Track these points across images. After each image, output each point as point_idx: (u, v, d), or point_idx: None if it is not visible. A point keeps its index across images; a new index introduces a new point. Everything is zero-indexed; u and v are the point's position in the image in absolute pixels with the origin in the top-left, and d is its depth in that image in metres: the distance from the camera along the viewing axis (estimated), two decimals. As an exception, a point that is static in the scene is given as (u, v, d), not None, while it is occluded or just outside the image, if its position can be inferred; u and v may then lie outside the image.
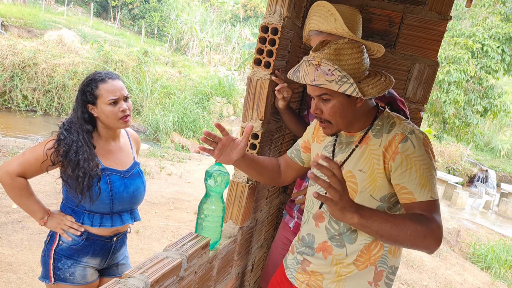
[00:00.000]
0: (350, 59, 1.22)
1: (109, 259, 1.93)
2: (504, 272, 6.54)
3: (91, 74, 1.83)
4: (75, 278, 1.82)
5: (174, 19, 20.83)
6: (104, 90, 1.76)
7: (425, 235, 1.13)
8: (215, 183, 1.49)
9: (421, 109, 2.14)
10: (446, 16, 2.05)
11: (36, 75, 11.95)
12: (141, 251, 4.18)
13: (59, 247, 1.80)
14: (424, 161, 1.22)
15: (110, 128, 1.83)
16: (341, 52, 1.22)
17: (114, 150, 1.88)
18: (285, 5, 1.72)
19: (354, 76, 1.22)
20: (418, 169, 1.21)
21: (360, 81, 1.24)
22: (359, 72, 1.24)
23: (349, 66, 1.22)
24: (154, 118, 12.35)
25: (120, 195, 1.82)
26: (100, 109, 1.77)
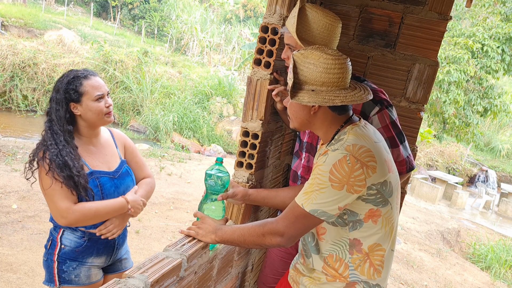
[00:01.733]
0: (307, 67, 1.28)
1: (114, 255, 1.94)
2: (504, 272, 6.54)
3: (68, 72, 1.78)
4: (81, 279, 1.81)
5: (174, 19, 20.82)
6: (89, 87, 1.74)
7: (263, 235, 1.30)
8: (215, 183, 1.49)
9: (421, 109, 2.14)
10: (446, 16, 2.05)
11: (36, 75, 11.94)
12: (141, 251, 4.18)
13: (62, 250, 1.79)
14: (322, 176, 1.24)
15: (94, 125, 1.80)
16: (304, 59, 1.29)
17: (98, 151, 1.85)
18: (285, 5, 1.72)
19: (308, 83, 1.28)
20: (313, 177, 1.27)
21: (314, 89, 1.28)
22: (314, 81, 1.28)
23: (305, 73, 1.29)
24: (154, 118, 12.34)
25: (111, 196, 1.81)
26: (85, 106, 1.74)
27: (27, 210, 4.45)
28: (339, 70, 1.27)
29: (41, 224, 4.24)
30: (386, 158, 1.31)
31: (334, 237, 1.35)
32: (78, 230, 1.79)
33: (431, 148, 15.85)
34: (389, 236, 1.35)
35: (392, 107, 1.67)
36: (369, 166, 1.23)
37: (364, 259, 1.34)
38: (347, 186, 1.22)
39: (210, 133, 12.86)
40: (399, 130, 1.67)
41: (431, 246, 6.93)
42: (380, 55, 2.18)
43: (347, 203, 1.25)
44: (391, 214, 1.34)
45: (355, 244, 1.33)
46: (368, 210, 1.29)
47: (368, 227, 1.31)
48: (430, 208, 10.13)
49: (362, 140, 1.27)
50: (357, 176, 1.22)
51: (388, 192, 1.30)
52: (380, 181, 1.26)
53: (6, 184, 4.90)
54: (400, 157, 1.65)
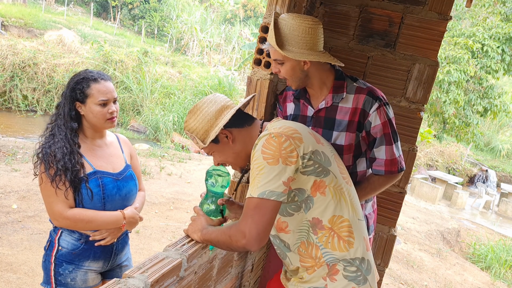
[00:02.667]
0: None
1: (112, 260, 1.91)
2: (504, 272, 6.54)
3: (82, 72, 1.80)
4: (76, 283, 1.80)
5: (174, 19, 20.83)
6: (95, 90, 1.75)
7: (230, 236, 1.30)
8: (215, 183, 1.49)
9: (421, 109, 2.14)
10: (446, 16, 2.05)
11: (36, 75, 11.94)
12: (141, 251, 4.18)
13: (59, 252, 1.78)
14: (257, 161, 1.28)
15: (95, 127, 1.82)
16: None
17: (103, 152, 1.86)
18: (285, 5, 1.72)
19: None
20: (251, 170, 1.30)
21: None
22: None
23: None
24: (154, 118, 12.35)
25: (113, 197, 1.81)
26: (88, 108, 1.76)
27: (27, 210, 4.45)
28: (215, 101, 1.44)
29: (41, 224, 4.24)
30: (310, 131, 1.39)
31: (296, 225, 1.37)
32: (75, 232, 1.79)
33: (431, 148, 15.86)
34: (345, 205, 1.36)
35: (389, 105, 1.68)
36: (294, 137, 1.29)
37: (331, 234, 1.34)
38: (281, 159, 1.25)
39: (210, 133, 12.85)
40: (394, 129, 1.68)
41: (431, 246, 6.93)
42: (380, 55, 2.18)
43: (289, 176, 1.27)
44: (338, 183, 1.36)
45: (316, 223, 1.35)
46: (312, 182, 1.31)
47: (319, 201, 1.33)
48: (430, 208, 10.14)
49: (281, 123, 1.36)
50: (287, 147, 1.27)
51: (325, 161, 1.34)
52: (311, 150, 1.31)
53: (6, 184, 4.90)
54: (392, 155, 1.66)
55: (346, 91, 1.66)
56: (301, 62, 1.59)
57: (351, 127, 1.66)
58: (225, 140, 1.43)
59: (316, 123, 1.71)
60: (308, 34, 1.55)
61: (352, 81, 1.69)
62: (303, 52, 1.55)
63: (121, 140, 2.03)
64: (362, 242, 1.39)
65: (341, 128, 1.67)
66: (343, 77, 1.69)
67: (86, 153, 1.79)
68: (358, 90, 1.65)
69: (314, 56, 1.56)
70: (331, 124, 1.69)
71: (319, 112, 1.71)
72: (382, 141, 1.65)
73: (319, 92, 1.69)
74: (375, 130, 1.65)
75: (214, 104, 1.43)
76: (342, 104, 1.66)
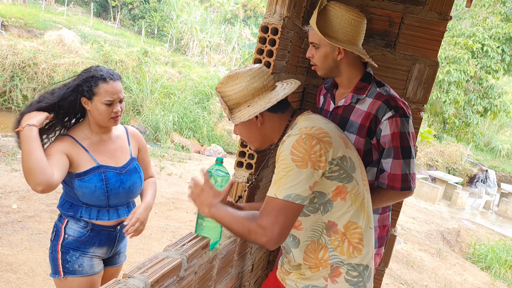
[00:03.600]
0: (232, 90, 1.38)
1: (115, 247, 1.98)
2: (504, 272, 6.54)
3: (92, 68, 1.82)
4: (84, 269, 1.86)
5: (174, 19, 20.83)
6: (103, 90, 1.77)
7: (249, 230, 1.28)
8: (215, 183, 1.49)
9: (421, 109, 2.14)
10: (446, 16, 2.05)
11: (36, 75, 11.94)
12: (141, 251, 4.18)
13: (66, 240, 1.84)
14: (285, 161, 1.26)
15: (99, 124, 1.85)
16: (224, 86, 1.39)
17: (107, 147, 1.89)
18: (285, 5, 1.72)
19: (241, 103, 1.37)
20: (278, 168, 1.28)
21: (249, 104, 1.37)
22: (245, 98, 1.36)
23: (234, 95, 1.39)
24: (154, 118, 12.35)
25: (116, 191, 1.85)
26: (94, 105, 1.79)
27: (27, 210, 4.45)
28: (259, 77, 1.36)
29: (41, 224, 4.24)
30: (340, 135, 1.35)
31: (310, 224, 1.37)
32: (81, 220, 1.84)
33: (431, 148, 15.86)
34: (362, 212, 1.36)
35: (408, 118, 1.60)
36: (324, 141, 1.26)
37: (342, 239, 1.35)
38: (310, 163, 1.24)
39: (210, 133, 12.87)
40: (407, 144, 1.60)
41: (431, 246, 6.93)
42: (380, 55, 2.18)
43: (315, 181, 1.25)
44: (359, 190, 1.35)
45: (330, 226, 1.34)
46: (335, 187, 1.30)
47: (338, 206, 1.32)
48: (430, 208, 10.14)
49: (312, 121, 1.32)
50: (316, 151, 1.24)
51: (350, 168, 1.32)
52: (339, 156, 1.29)
53: (6, 184, 4.90)
54: (397, 170, 1.60)
55: (366, 94, 1.63)
56: (335, 51, 1.58)
57: (361, 131, 1.63)
58: (254, 119, 1.39)
59: (333, 119, 1.70)
60: (350, 25, 1.55)
61: (377, 85, 1.65)
62: (343, 42, 1.56)
63: (130, 132, 2.05)
64: (370, 250, 1.40)
65: (352, 130, 1.65)
66: (370, 80, 1.65)
67: (89, 148, 1.83)
68: (378, 95, 1.62)
69: (352, 48, 1.56)
70: (344, 124, 1.67)
71: (338, 109, 1.70)
72: (390, 153, 1.60)
73: (344, 88, 1.69)
74: (384, 139, 1.60)
75: (258, 80, 1.36)
76: (359, 106, 1.64)
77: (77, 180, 1.78)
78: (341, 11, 1.55)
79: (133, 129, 2.09)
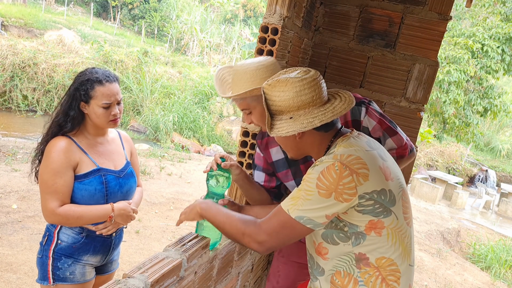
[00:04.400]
0: (278, 96, 1.27)
1: (109, 255, 1.94)
2: (504, 272, 6.54)
3: (87, 71, 1.79)
4: (75, 277, 1.81)
5: (174, 19, 20.82)
6: (99, 93, 1.74)
7: (243, 233, 1.26)
8: (216, 183, 1.49)
9: (421, 109, 2.14)
10: (446, 16, 2.05)
11: (36, 75, 11.94)
12: (141, 251, 4.18)
13: (58, 246, 1.79)
14: (309, 183, 1.19)
15: (98, 127, 1.83)
16: (272, 89, 1.28)
17: (105, 150, 1.88)
18: (285, 5, 1.72)
19: (283, 112, 1.27)
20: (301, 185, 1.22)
21: (292, 116, 1.26)
22: (289, 108, 1.26)
23: (278, 102, 1.28)
24: (154, 118, 12.35)
25: (115, 194, 1.84)
26: (92, 109, 1.76)
27: (27, 210, 4.45)
28: (309, 90, 1.24)
29: (41, 224, 4.24)
30: (382, 165, 1.23)
31: (338, 254, 1.28)
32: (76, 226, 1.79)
33: (431, 148, 15.85)
34: (400, 248, 1.25)
35: (372, 102, 1.68)
36: (359, 173, 1.17)
37: (375, 274, 1.24)
38: (335, 194, 1.16)
39: (210, 133, 12.86)
40: (389, 119, 1.69)
41: (431, 246, 6.93)
42: (380, 55, 2.18)
43: (335, 211, 1.18)
44: (398, 225, 1.24)
45: (361, 259, 1.25)
46: (368, 221, 1.20)
47: (372, 240, 1.22)
48: (430, 208, 10.13)
49: (352, 149, 1.22)
50: (346, 183, 1.16)
51: (389, 201, 1.21)
52: (376, 190, 1.19)
53: (6, 184, 4.90)
54: (401, 141, 1.67)
55: None
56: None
57: None
58: (294, 134, 1.28)
59: None
60: (262, 71, 1.50)
61: None
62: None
63: (123, 137, 2.04)
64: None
65: None
66: None
67: (88, 150, 1.80)
68: None
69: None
70: None
71: None
72: (386, 135, 1.66)
73: None
74: (374, 131, 1.65)
75: (308, 93, 1.24)
76: None
77: (76, 182, 1.74)
78: (246, 66, 1.50)
79: (125, 133, 2.08)
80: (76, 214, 1.71)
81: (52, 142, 1.73)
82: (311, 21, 2.18)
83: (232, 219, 1.30)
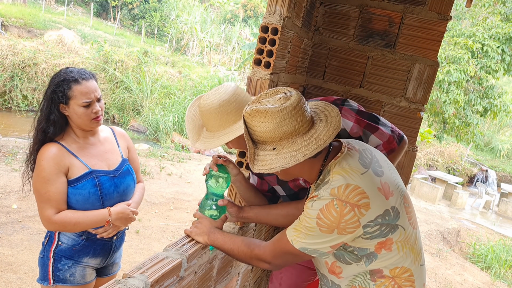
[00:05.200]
0: (259, 126, 1.18)
1: (109, 258, 1.93)
2: (504, 272, 6.54)
3: (62, 72, 1.75)
4: (75, 279, 1.80)
5: (174, 19, 20.82)
6: (77, 92, 1.70)
7: (251, 258, 1.31)
8: (216, 183, 1.49)
9: (421, 109, 2.14)
10: (446, 16, 2.05)
11: (36, 75, 11.94)
12: (141, 251, 4.18)
13: (59, 247, 1.78)
14: (309, 220, 1.17)
15: (81, 128, 1.79)
16: (252, 118, 1.19)
17: (96, 150, 1.84)
18: (285, 5, 1.72)
19: (266, 142, 1.19)
20: (302, 219, 1.20)
21: (275, 147, 1.18)
22: (271, 139, 1.17)
23: (259, 133, 1.19)
24: (154, 118, 12.35)
25: (111, 195, 1.80)
26: (72, 109, 1.72)
27: (27, 210, 4.45)
28: (290, 120, 1.15)
29: (41, 224, 4.23)
30: (380, 185, 1.19)
31: (352, 272, 1.28)
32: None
33: (431, 148, 15.85)
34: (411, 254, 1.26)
35: (346, 101, 1.63)
36: (360, 205, 1.13)
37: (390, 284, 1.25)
38: (337, 230, 1.14)
39: (210, 133, 12.85)
40: (367, 114, 1.61)
41: (431, 246, 6.93)
42: (380, 55, 2.18)
43: (340, 242, 1.18)
44: (406, 234, 1.23)
45: (375, 273, 1.25)
46: (377, 243, 1.20)
47: (384, 256, 1.22)
48: (430, 208, 10.13)
49: (348, 177, 1.16)
50: (348, 220, 1.13)
51: (394, 218, 1.20)
52: (380, 214, 1.16)
53: (6, 184, 4.90)
54: (385, 136, 1.59)
55: None
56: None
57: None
58: None
59: None
60: (226, 107, 1.42)
61: None
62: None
63: (117, 133, 2.00)
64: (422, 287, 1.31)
65: None
66: None
67: (79, 153, 1.76)
68: None
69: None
70: None
71: None
72: (367, 133, 1.59)
73: None
74: (353, 132, 1.60)
75: (289, 123, 1.15)
76: None
77: (70, 187, 1.71)
78: (202, 107, 1.42)
79: (119, 129, 2.04)
80: (73, 221, 1.69)
81: (41, 150, 1.70)
82: (311, 21, 2.18)
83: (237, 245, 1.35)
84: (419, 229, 1.35)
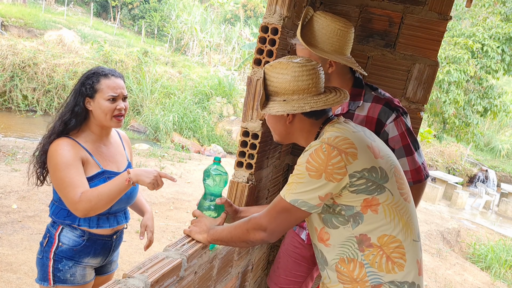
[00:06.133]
0: (276, 77, 1.32)
1: (109, 256, 1.94)
2: (504, 272, 6.54)
3: (94, 68, 1.80)
4: (76, 279, 1.80)
5: (174, 19, 20.81)
6: (105, 85, 1.73)
7: (247, 229, 1.31)
8: (213, 182, 1.49)
9: (421, 109, 2.14)
10: (446, 16, 2.05)
11: (36, 75, 11.94)
12: (141, 251, 4.18)
13: (59, 248, 1.77)
14: (300, 167, 1.24)
15: (102, 124, 1.78)
16: (272, 70, 1.33)
17: (108, 151, 1.85)
18: (285, 5, 1.72)
19: (278, 93, 1.32)
20: (293, 172, 1.27)
21: (285, 99, 1.31)
22: (284, 90, 1.31)
23: (275, 83, 1.32)
24: (154, 118, 12.35)
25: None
26: (97, 103, 1.73)
27: (27, 210, 4.45)
28: (307, 77, 1.29)
29: (41, 224, 4.24)
30: (370, 144, 1.27)
31: (340, 239, 1.29)
32: (77, 229, 1.77)
33: (431, 148, 15.86)
34: (400, 224, 1.26)
35: (407, 115, 1.66)
36: (348, 152, 1.20)
37: (379, 253, 1.25)
38: (325, 174, 1.19)
39: (210, 133, 12.87)
40: (414, 137, 1.66)
41: (431, 246, 6.93)
42: (380, 55, 2.18)
43: (328, 192, 1.21)
44: (394, 201, 1.25)
45: (363, 240, 1.25)
46: (363, 200, 1.23)
47: (370, 218, 1.24)
48: (430, 208, 10.13)
49: (338, 132, 1.26)
50: (335, 163, 1.19)
51: (382, 178, 1.23)
52: (366, 168, 1.21)
53: (6, 184, 4.90)
54: (416, 164, 1.63)
55: (363, 99, 1.65)
56: (326, 63, 1.58)
57: None
58: (284, 116, 1.33)
59: None
60: (337, 35, 1.53)
61: (371, 90, 1.68)
62: (330, 53, 1.54)
63: (123, 137, 2.03)
64: (415, 265, 1.30)
65: None
66: (362, 85, 1.68)
67: (93, 152, 1.77)
68: (375, 99, 1.65)
69: (340, 59, 1.54)
70: None
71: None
72: (402, 152, 1.62)
73: None
74: (393, 141, 1.62)
75: (305, 79, 1.29)
76: (358, 112, 1.66)
77: None
78: (327, 21, 1.53)
79: (124, 133, 2.06)
80: (95, 193, 1.63)
81: (55, 142, 1.69)
82: (311, 21, 2.18)
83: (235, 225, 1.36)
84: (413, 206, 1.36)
